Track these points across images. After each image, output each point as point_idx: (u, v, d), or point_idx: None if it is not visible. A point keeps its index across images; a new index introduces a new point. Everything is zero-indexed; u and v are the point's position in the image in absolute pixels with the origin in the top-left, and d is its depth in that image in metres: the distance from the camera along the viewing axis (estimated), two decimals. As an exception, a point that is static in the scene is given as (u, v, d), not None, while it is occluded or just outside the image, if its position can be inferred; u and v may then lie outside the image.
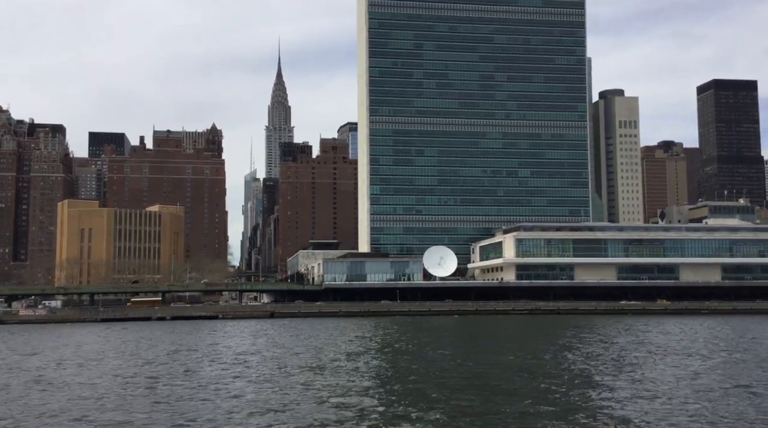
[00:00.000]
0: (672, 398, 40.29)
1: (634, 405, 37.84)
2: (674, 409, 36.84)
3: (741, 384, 45.37)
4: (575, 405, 38.45)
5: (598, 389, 43.74)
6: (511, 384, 45.83)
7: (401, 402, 39.33)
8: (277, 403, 39.03)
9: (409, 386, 45.26)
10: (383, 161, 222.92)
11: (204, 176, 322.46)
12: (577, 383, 46.43)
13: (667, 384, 45.44)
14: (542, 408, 36.87)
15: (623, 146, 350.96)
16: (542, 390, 43.38)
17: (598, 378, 48.86)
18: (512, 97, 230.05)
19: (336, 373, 51.54)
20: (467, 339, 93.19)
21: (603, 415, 35.37)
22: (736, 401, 39.32)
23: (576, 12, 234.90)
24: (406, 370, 53.56)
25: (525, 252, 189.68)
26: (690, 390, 43.39)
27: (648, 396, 40.49)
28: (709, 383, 46.12)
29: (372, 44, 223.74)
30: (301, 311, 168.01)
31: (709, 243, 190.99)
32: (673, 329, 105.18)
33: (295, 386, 45.27)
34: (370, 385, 45.54)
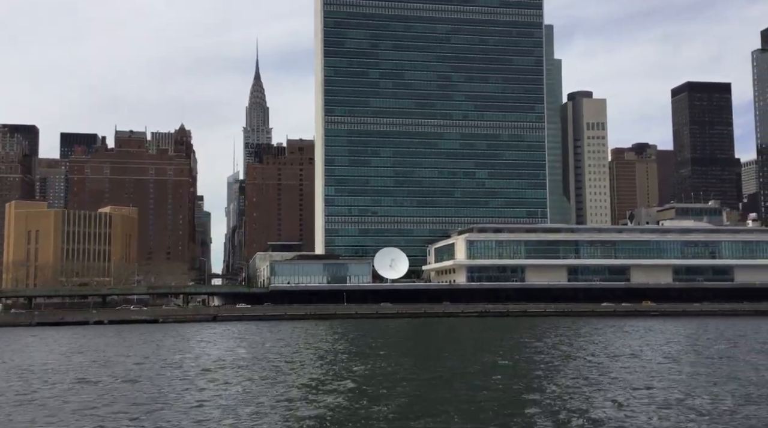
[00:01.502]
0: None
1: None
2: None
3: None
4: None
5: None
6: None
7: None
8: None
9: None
10: (338, 161, 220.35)
11: (167, 177, 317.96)
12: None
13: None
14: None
15: (591, 147, 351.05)
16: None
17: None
18: (469, 98, 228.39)
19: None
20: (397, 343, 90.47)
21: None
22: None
23: (533, 13, 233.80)
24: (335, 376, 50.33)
25: (476, 254, 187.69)
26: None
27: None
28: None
29: (327, 44, 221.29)
30: (245, 314, 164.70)
31: (661, 245, 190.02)
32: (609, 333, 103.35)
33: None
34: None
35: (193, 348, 77.67)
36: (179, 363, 60.25)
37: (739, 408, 36.90)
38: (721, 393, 41.95)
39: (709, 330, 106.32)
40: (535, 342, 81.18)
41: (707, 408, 36.93)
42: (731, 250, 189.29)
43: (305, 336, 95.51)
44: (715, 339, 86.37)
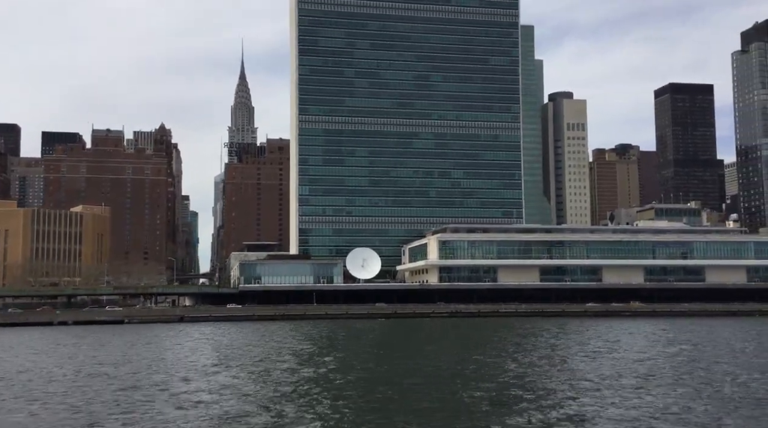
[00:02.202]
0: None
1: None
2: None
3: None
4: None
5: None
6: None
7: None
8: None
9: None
10: (312, 161, 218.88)
11: (145, 176, 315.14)
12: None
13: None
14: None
15: (571, 148, 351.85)
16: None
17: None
18: (445, 98, 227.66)
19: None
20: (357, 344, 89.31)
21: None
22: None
23: (510, 13, 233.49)
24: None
25: (448, 254, 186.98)
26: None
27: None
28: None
29: (301, 42, 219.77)
30: (213, 314, 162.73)
31: (633, 245, 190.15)
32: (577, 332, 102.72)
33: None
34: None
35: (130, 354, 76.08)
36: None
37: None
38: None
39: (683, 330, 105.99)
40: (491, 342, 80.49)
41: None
42: (703, 251, 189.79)
43: (257, 339, 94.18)
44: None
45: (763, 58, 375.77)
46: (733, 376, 49.36)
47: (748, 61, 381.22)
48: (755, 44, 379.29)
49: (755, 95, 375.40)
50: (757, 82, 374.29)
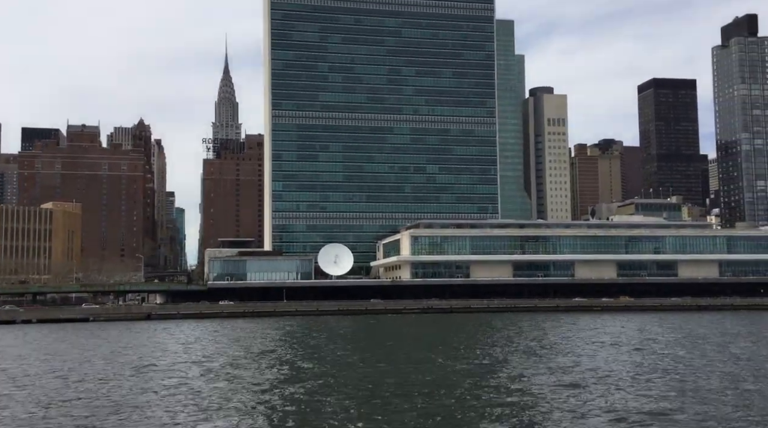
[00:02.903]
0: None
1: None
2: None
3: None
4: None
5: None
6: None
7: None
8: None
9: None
10: (286, 156, 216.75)
11: (121, 172, 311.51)
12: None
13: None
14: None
15: (551, 143, 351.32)
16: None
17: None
18: (420, 93, 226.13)
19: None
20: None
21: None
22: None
23: (485, 7, 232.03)
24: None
25: (420, 250, 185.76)
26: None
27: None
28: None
29: (274, 36, 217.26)
30: (181, 312, 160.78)
31: (606, 240, 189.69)
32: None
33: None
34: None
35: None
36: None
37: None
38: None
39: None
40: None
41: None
42: (675, 245, 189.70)
43: (207, 341, 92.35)
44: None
45: (742, 53, 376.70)
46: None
47: (728, 56, 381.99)
48: (735, 39, 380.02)
49: (735, 90, 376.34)
50: (736, 77, 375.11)
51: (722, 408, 34.47)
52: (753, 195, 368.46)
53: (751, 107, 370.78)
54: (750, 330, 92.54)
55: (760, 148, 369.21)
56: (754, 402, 36.36)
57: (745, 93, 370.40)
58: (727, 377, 45.52)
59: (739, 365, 51.97)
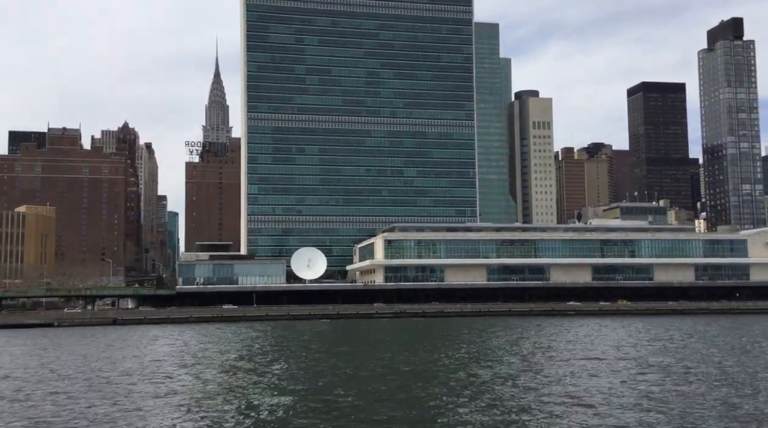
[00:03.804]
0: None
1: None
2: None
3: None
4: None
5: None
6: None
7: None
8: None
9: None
10: (261, 159, 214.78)
11: (102, 176, 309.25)
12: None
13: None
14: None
15: (537, 147, 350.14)
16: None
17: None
18: (398, 95, 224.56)
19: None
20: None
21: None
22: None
23: (463, 9, 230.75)
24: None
25: (394, 254, 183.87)
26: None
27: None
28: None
29: (249, 38, 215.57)
30: (148, 317, 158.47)
31: (581, 244, 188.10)
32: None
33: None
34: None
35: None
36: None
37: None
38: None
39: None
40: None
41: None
42: (650, 249, 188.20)
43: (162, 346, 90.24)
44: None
45: (728, 56, 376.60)
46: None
47: (714, 59, 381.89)
48: (720, 43, 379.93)
49: (720, 94, 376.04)
50: (722, 80, 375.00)
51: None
52: (738, 199, 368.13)
53: (737, 110, 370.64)
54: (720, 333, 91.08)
55: (745, 151, 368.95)
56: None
57: (731, 96, 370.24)
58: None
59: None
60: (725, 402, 37.71)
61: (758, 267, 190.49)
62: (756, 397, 39.64)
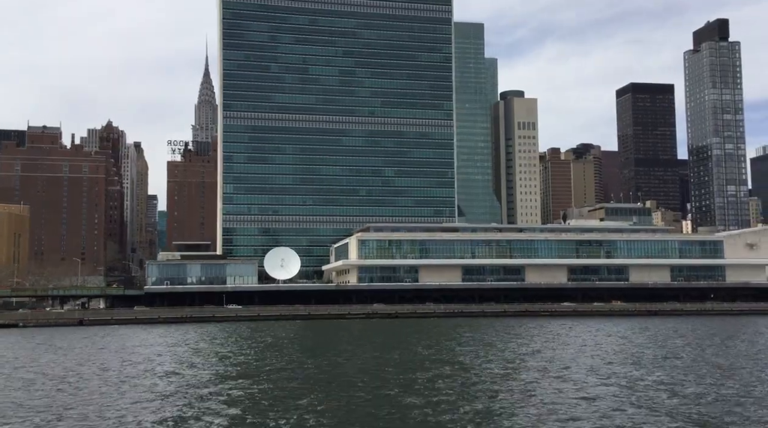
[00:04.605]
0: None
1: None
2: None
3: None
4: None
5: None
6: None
7: None
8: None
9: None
10: (237, 158, 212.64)
11: (82, 175, 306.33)
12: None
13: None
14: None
15: (522, 147, 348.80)
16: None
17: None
18: (376, 94, 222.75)
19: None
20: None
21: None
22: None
23: (442, 9, 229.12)
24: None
25: (368, 254, 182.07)
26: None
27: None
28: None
29: (225, 36, 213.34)
30: (114, 317, 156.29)
31: (557, 244, 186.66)
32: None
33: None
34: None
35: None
36: None
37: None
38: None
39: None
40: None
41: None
42: (626, 250, 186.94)
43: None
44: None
45: (713, 57, 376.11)
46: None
47: (700, 60, 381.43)
48: (706, 44, 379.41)
49: (706, 95, 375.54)
50: (707, 81, 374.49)
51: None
52: (723, 200, 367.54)
53: (722, 111, 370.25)
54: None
55: (730, 153, 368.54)
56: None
57: (716, 98, 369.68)
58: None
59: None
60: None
61: (734, 268, 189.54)
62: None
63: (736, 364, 56.45)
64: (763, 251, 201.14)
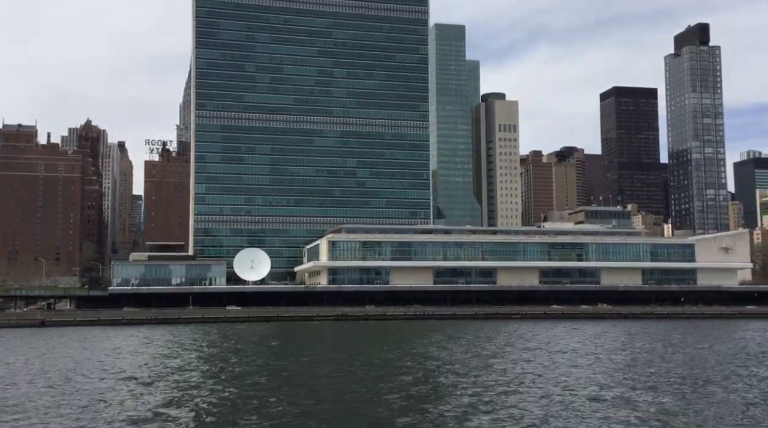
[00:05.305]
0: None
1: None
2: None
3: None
4: None
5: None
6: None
7: None
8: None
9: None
10: (209, 158, 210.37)
11: (57, 174, 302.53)
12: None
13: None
14: None
15: (502, 149, 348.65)
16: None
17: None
18: (351, 95, 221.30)
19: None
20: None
21: None
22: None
23: (419, 9, 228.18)
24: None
25: (338, 255, 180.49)
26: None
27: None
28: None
29: (199, 34, 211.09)
30: (78, 319, 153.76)
31: (528, 247, 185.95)
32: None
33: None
34: None
35: None
36: None
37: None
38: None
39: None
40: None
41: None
42: (597, 253, 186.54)
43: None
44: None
45: (694, 61, 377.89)
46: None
47: (680, 64, 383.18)
48: (687, 48, 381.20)
49: (686, 99, 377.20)
50: (687, 85, 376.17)
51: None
52: (703, 204, 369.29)
53: (702, 115, 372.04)
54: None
55: (710, 156, 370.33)
56: None
57: (696, 102, 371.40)
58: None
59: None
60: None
61: (706, 272, 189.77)
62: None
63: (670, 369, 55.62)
64: (739, 254, 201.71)
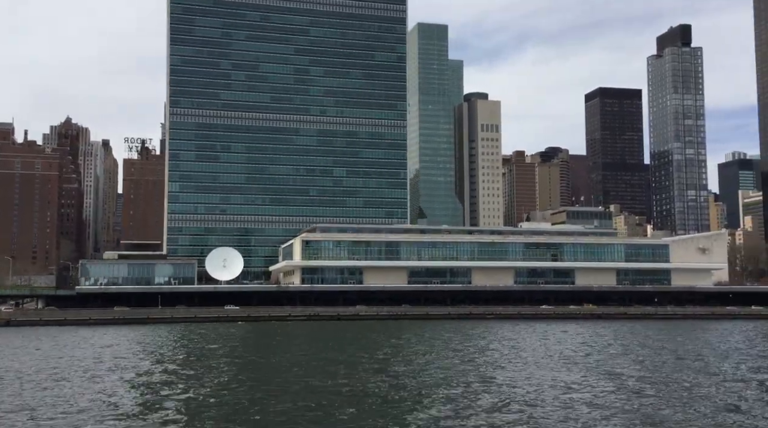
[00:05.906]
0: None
1: None
2: None
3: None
4: None
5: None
6: None
7: None
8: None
9: None
10: (184, 156, 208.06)
11: (34, 171, 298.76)
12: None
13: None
14: None
15: (485, 149, 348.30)
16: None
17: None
18: (328, 93, 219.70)
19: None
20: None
21: None
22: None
23: (397, 8, 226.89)
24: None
25: (311, 255, 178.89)
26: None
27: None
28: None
29: (173, 31, 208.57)
30: (43, 318, 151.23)
31: (503, 247, 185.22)
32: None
33: None
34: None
35: None
36: None
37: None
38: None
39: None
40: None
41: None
42: (572, 253, 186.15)
43: None
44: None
45: (676, 62, 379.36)
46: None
47: (662, 66, 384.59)
48: (669, 49, 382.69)
49: (668, 100, 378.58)
50: (669, 86, 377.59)
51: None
52: (684, 205, 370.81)
53: (683, 116, 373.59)
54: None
55: (691, 158, 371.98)
56: None
57: (678, 103, 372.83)
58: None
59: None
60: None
61: (680, 273, 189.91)
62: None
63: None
64: (716, 255, 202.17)
